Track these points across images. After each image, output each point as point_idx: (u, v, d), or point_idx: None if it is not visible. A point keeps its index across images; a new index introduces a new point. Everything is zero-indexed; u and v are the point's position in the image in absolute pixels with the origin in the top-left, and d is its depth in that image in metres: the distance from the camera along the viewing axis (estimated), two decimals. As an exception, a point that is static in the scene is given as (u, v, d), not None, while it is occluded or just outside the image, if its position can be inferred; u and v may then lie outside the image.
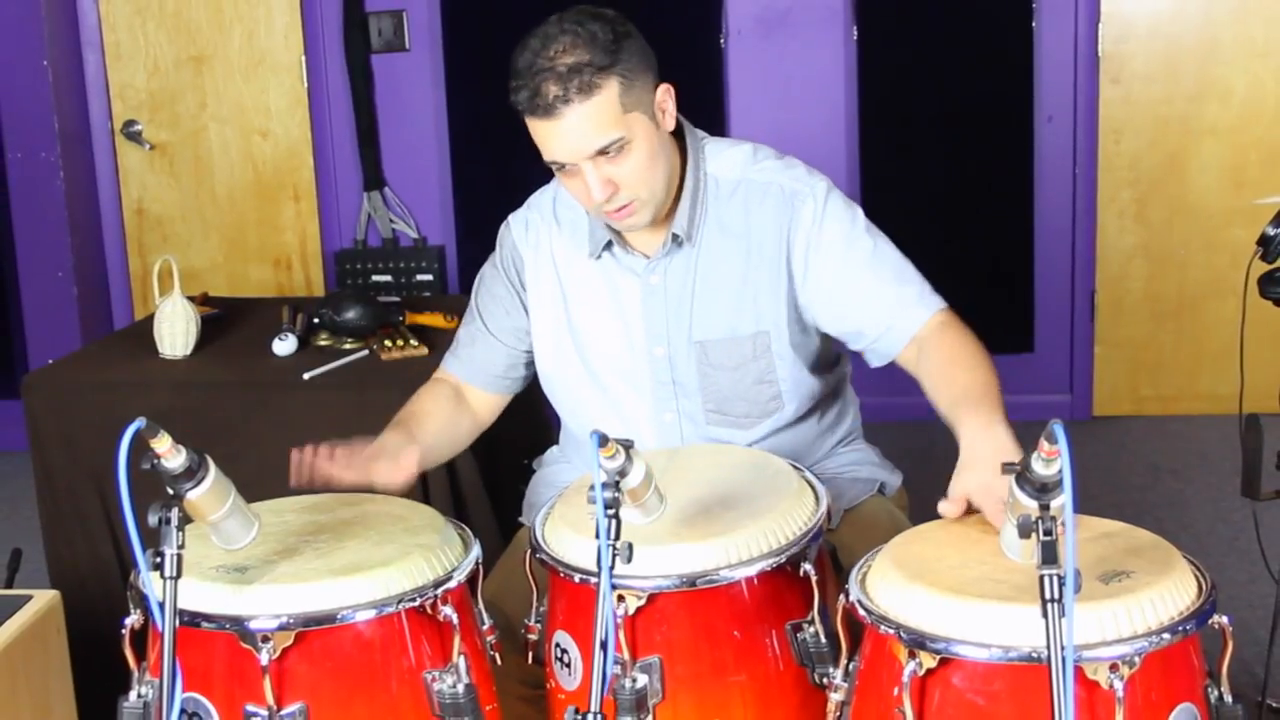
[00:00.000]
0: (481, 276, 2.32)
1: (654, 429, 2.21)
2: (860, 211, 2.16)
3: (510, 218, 2.29)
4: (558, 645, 1.83)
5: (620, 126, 1.98)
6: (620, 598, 1.70)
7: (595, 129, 1.97)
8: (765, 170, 2.16)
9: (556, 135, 1.98)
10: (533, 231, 2.25)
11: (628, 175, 2.02)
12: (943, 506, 1.80)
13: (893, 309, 2.10)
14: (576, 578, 1.77)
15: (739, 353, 2.16)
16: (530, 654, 1.90)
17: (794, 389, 2.19)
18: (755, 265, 2.14)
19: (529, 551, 1.87)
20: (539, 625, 1.89)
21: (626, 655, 1.70)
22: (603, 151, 1.98)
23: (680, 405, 2.21)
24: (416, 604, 1.72)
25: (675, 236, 2.14)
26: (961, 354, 2.04)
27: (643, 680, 1.71)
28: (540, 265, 2.24)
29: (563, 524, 1.86)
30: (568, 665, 1.81)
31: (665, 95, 2.07)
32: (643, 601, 1.72)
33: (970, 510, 1.80)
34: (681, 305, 2.17)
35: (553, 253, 2.23)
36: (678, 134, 2.16)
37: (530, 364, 2.30)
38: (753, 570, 1.76)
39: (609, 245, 2.17)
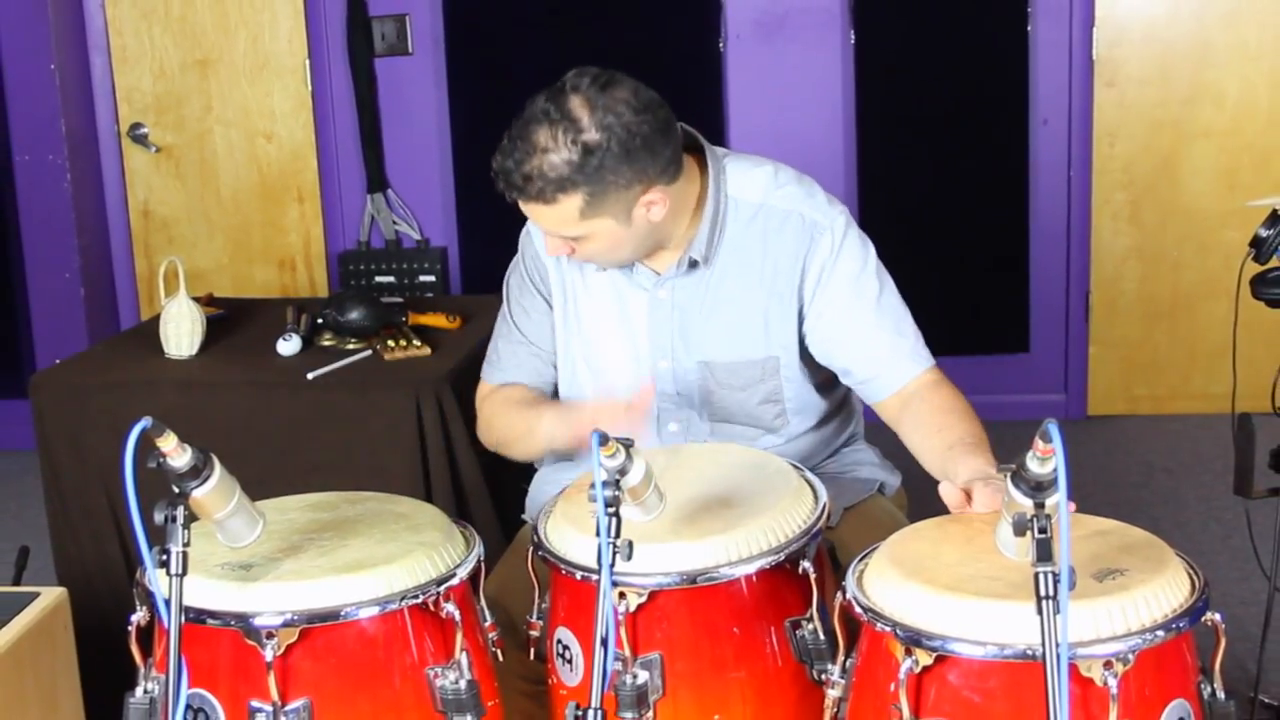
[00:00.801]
0: (509, 286, 2.30)
1: (658, 439, 2.21)
2: (873, 251, 2.15)
3: (529, 224, 2.26)
4: (559, 642, 1.83)
5: (576, 229, 1.99)
6: (621, 595, 1.70)
7: (549, 224, 2.01)
8: (786, 197, 2.13)
9: (520, 205, 2.02)
10: None
11: (586, 251, 2.05)
12: (944, 488, 1.80)
13: (884, 358, 2.10)
14: (578, 575, 1.77)
15: (747, 375, 2.16)
16: (532, 650, 1.91)
17: (800, 408, 2.20)
18: (770, 290, 2.13)
19: (531, 549, 1.88)
20: (540, 622, 1.89)
21: (627, 652, 1.71)
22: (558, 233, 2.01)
23: (685, 416, 2.20)
24: (419, 601, 1.72)
25: (693, 261, 2.12)
26: (957, 406, 2.05)
27: (643, 676, 1.71)
28: (560, 272, 2.23)
29: (564, 522, 1.86)
30: (569, 661, 1.81)
31: (658, 196, 2.00)
32: (644, 599, 1.72)
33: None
34: (690, 322, 2.16)
35: (566, 259, 2.22)
36: (698, 154, 2.13)
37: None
38: (752, 568, 1.76)
39: None
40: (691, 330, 2.16)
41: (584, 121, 1.93)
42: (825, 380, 2.21)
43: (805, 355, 2.17)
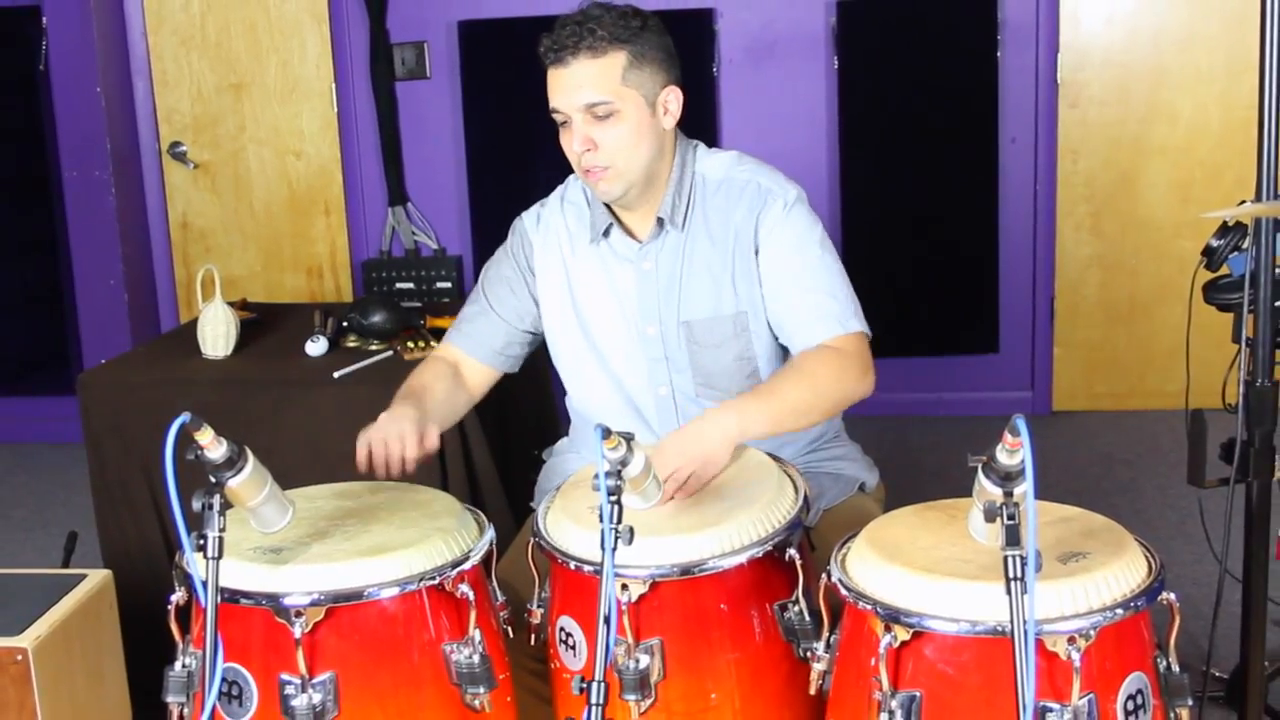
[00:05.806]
0: (490, 263, 2.34)
1: (652, 401, 2.23)
2: (821, 226, 2.17)
3: (523, 214, 2.32)
4: (562, 629, 1.82)
5: (613, 94, 2.04)
6: (624, 585, 1.70)
7: (591, 85, 2.04)
8: (747, 170, 2.20)
9: (559, 82, 2.06)
10: (543, 223, 2.28)
11: (609, 141, 2.06)
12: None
13: (805, 317, 2.11)
14: (571, 565, 1.76)
15: (721, 331, 2.17)
16: (533, 636, 1.89)
17: (769, 366, 2.20)
18: (735, 251, 2.16)
19: (531, 541, 1.87)
20: (541, 610, 1.88)
21: (630, 638, 1.70)
22: (592, 109, 2.04)
23: (673, 380, 2.21)
24: (436, 582, 1.72)
25: (660, 220, 2.17)
26: (804, 369, 2.04)
27: (645, 661, 1.71)
28: (549, 252, 2.26)
29: (563, 516, 1.85)
30: (572, 648, 1.80)
31: (671, 96, 2.12)
32: (645, 589, 1.72)
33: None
34: (671, 288, 2.18)
35: (559, 241, 2.25)
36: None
37: (525, 344, 2.31)
38: (744, 558, 1.75)
39: (607, 233, 2.20)
40: (673, 295, 2.19)
41: (625, 6, 2.08)
42: None
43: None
